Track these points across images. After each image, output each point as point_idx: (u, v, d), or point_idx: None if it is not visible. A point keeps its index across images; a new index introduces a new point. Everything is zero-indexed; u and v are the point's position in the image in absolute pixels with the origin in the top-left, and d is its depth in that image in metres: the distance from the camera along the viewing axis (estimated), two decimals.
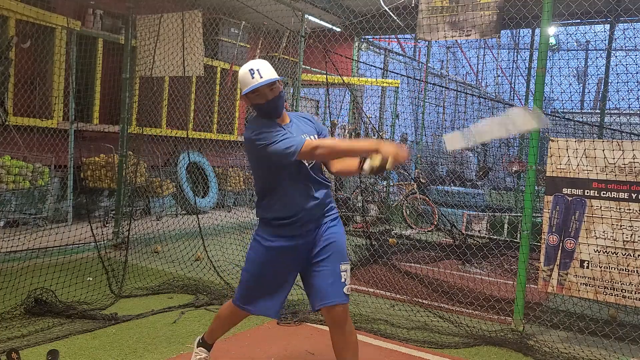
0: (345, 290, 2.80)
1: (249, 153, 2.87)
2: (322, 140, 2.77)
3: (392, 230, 8.58)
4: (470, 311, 4.72)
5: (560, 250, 4.15)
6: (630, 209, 3.91)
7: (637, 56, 7.77)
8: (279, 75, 2.82)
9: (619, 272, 3.94)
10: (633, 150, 3.91)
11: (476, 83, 15.94)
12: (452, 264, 6.51)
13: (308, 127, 2.90)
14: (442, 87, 13.42)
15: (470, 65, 16.12)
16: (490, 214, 8.35)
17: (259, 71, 2.71)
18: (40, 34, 6.97)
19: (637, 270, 3.88)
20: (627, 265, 3.91)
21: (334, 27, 9.90)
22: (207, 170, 9.59)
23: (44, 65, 7.23)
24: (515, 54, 13.77)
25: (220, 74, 9.71)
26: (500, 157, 12.24)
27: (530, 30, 10.47)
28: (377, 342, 3.98)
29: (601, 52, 10.41)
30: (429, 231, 8.61)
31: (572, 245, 4.11)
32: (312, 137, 2.81)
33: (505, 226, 7.95)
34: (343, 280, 2.81)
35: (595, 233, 4.03)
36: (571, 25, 9.47)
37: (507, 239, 7.68)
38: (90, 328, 3.87)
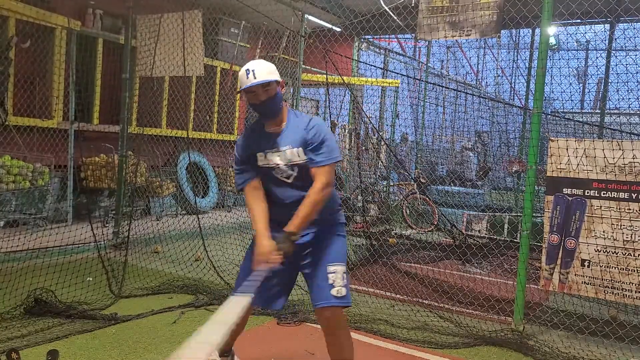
0: (333, 292, 2.73)
1: None
2: (249, 202, 2.88)
3: (392, 230, 8.57)
4: (470, 311, 4.71)
5: (561, 250, 4.15)
6: (630, 209, 3.91)
7: (637, 56, 7.77)
8: (280, 76, 2.82)
9: (619, 272, 3.95)
10: (633, 150, 3.91)
11: (476, 83, 15.94)
12: (452, 264, 6.51)
13: (297, 137, 2.81)
14: (442, 87, 13.41)
15: (470, 65, 16.12)
16: (490, 214, 8.34)
17: (254, 72, 2.72)
18: (40, 34, 6.96)
19: (637, 270, 3.88)
20: (627, 265, 3.91)
21: (334, 27, 9.89)
22: (207, 170, 9.58)
23: (44, 65, 7.22)
24: (516, 53, 13.75)
25: (220, 73, 9.70)
26: (500, 157, 12.25)
27: (530, 30, 10.46)
28: (377, 342, 3.98)
29: (601, 52, 10.39)
30: (429, 231, 8.60)
31: (573, 244, 4.11)
32: (295, 149, 2.78)
33: (506, 226, 7.94)
34: (331, 282, 2.75)
35: (595, 233, 4.03)
36: (571, 25, 9.45)
37: (507, 239, 7.68)
38: (90, 328, 3.87)
